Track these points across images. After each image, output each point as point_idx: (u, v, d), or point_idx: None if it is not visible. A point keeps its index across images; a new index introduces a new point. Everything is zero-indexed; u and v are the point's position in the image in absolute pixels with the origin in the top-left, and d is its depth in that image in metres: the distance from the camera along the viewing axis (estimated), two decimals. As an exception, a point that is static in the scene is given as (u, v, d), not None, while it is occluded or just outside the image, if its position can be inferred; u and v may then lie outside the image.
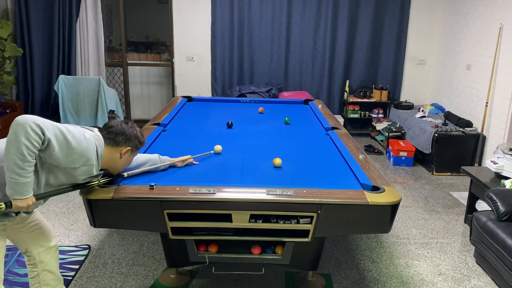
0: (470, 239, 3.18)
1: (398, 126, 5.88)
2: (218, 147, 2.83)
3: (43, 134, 1.76)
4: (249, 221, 2.18)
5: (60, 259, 2.99)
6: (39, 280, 2.27)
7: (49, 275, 2.27)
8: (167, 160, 2.51)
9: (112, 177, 2.23)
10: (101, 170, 2.14)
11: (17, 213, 1.95)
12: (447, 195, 4.48)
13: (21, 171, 1.74)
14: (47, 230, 2.25)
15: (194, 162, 2.63)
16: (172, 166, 2.55)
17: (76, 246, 3.23)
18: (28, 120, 1.73)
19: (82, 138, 1.91)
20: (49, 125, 1.80)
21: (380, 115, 6.48)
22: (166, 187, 2.19)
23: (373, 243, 3.42)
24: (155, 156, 2.47)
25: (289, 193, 2.16)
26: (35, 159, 1.78)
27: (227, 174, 2.49)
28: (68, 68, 6.17)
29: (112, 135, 2.09)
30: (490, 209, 3.07)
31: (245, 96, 5.75)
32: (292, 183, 2.36)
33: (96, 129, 2.09)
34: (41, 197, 1.90)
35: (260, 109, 4.18)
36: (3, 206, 1.79)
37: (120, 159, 2.13)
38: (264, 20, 6.32)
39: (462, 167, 3.84)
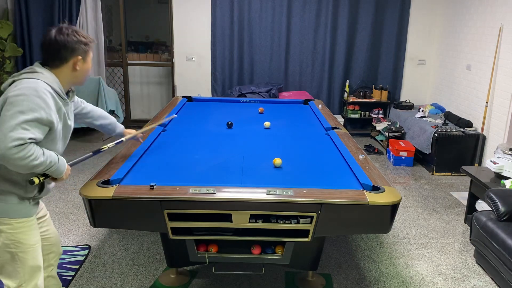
0: (470, 239, 3.18)
1: (398, 126, 5.88)
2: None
3: (24, 140, 1.65)
4: (249, 221, 2.18)
5: (60, 259, 2.98)
6: (44, 285, 2.26)
7: (52, 280, 2.26)
8: (122, 128, 2.48)
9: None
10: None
11: (41, 190, 1.93)
12: (447, 195, 4.48)
13: (48, 166, 1.77)
14: (57, 236, 2.24)
15: (140, 140, 2.62)
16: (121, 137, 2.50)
17: (76, 246, 3.23)
18: (5, 152, 1.62)
19: (40, 103, 1.71)
20: (17, 132, 1.65)
21: (380, 115, 6.48)
22: (166, 187, 2.19)
23: (373, 243, 3.42)
24: (114, 120, 2.45)
25: (289, 193, 2.16)
26: (38, 150, 1.72)
27: (227, 174, 2.49)
28: (68, 68, 6.16)
29: (53, 54, 1.85)
30: (490, 209, 3.07)
31: (245, 96, 5.75)
32: (292, 183, 2.36)
33: (37, 67, 1.84)
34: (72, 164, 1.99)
35: (260, 109, 4.18)
36: (41, 177, 1.81)
37: (78, 71, 1.91)
38: (264, 20, 6.32)
39: (462, 167, 3.84)
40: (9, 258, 1.86)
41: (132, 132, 2.52)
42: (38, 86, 1.74)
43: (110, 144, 2.29)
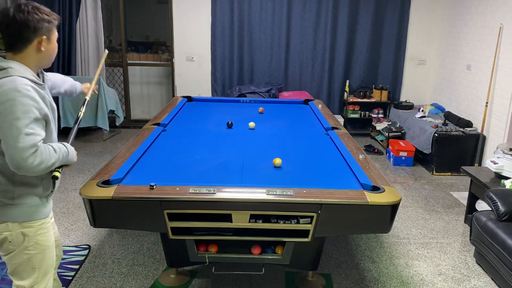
0: (470, 239, 3.18)
1: (398, 126, 5.88)
2: None
3: (36, 146, 1.64)
4: (249, 221, 2.18)
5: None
6: None
7: (54, 282, 2.26)
8: (81, 86, 2.36)
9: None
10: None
11: (54, 183, 1.93)
12: (447, 195, 4.48)
13: (62, 159, 1.77)
14: (60, 239, 2.24)
15: (95, 91, 2.50)
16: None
17: (76, 246, 3.23)
18: (23, 164, 1.61)
19: (29, 102, 1.63)
20: (24, 141, 1.61)
21: (380, 115, 6.48)
22: (166, 187, 2.19)
23: (373, 243, 3.42)
24: (71, 79, 2.34)
25: (289, 193, 2.16)
26: (49, 148, 1.72)
27: (227, 174, 2.49)
28: (68, 68, 6.16)
29: (14, 36, 1.68)
30: (490, 209, 3.07)
31: (245, 96, 5.75)
32: (292, 183, 2.36)
33: (1, 62, 1.69)
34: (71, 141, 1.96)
35: (260, 109, 4.18)
36: (59, 170, 1.80)
37: (43, 52, 1.75)
38: (264, 20, 6.32)
39: (462, 167, 3.84)
40: (25, 260, 1.85)
41: (88, 86, 2.39)
42: (17, 84, 1.61)
43: (83, 109, 2.21)
